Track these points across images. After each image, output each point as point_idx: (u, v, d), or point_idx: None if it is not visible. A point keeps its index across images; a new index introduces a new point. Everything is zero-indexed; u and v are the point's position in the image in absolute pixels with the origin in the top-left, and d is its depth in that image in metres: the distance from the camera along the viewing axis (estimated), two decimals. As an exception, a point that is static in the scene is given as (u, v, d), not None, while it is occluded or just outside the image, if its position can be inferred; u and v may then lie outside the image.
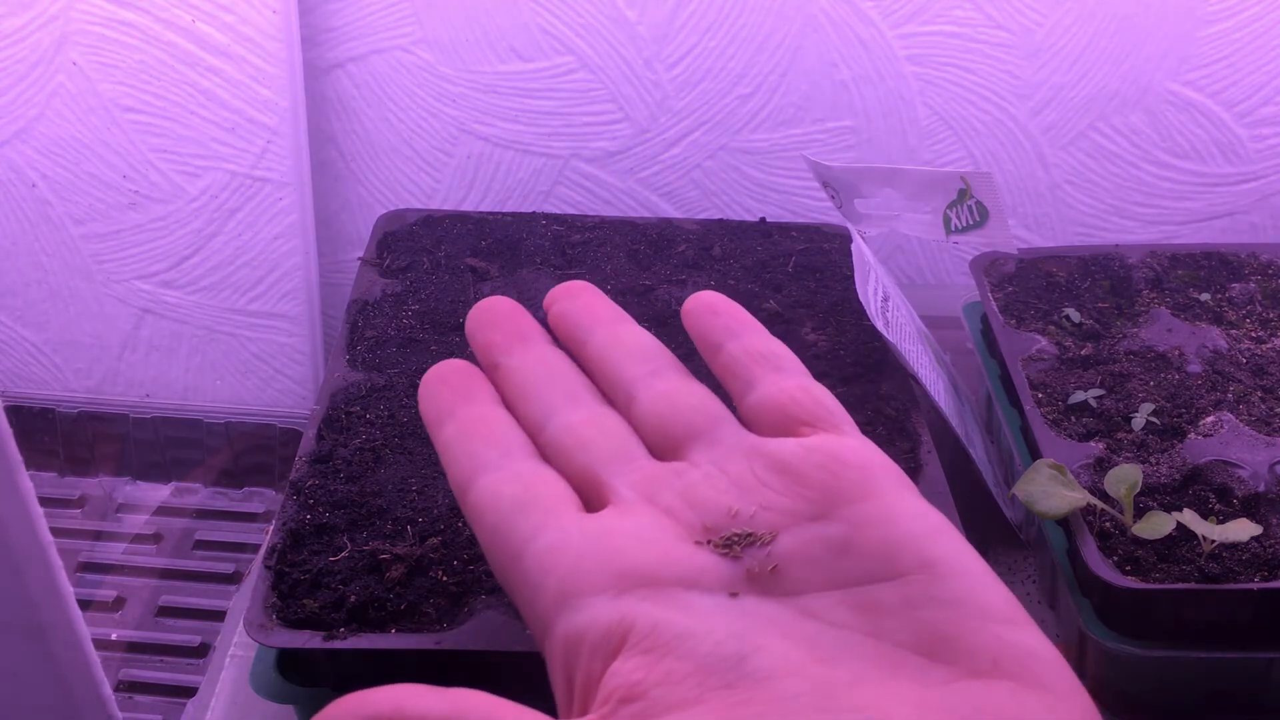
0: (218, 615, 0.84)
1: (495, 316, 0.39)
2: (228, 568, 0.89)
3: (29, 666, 0.44)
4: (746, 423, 0.36)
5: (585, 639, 0.29)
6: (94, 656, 0.46)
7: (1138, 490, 0.51)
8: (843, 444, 0.34)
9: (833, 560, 0.30)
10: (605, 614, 0.29)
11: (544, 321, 0.42)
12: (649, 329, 0.64)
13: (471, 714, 0.28)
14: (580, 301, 0.41)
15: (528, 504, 0.32)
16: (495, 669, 0.45)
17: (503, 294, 0.66)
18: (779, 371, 0.37)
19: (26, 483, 0.42)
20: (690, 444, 0.35)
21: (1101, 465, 0.55)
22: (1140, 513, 0.51)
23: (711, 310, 0.39)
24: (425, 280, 0.67)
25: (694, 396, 0.36)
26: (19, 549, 0.42)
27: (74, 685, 0.45)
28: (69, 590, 0.44)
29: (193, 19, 0.79)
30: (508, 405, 0.37)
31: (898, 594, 0.29)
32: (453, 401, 0.36)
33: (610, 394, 0.37)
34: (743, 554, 0.31)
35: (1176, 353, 0.62)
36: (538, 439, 0.35)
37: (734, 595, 0.30)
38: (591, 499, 0.33)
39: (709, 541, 0.31)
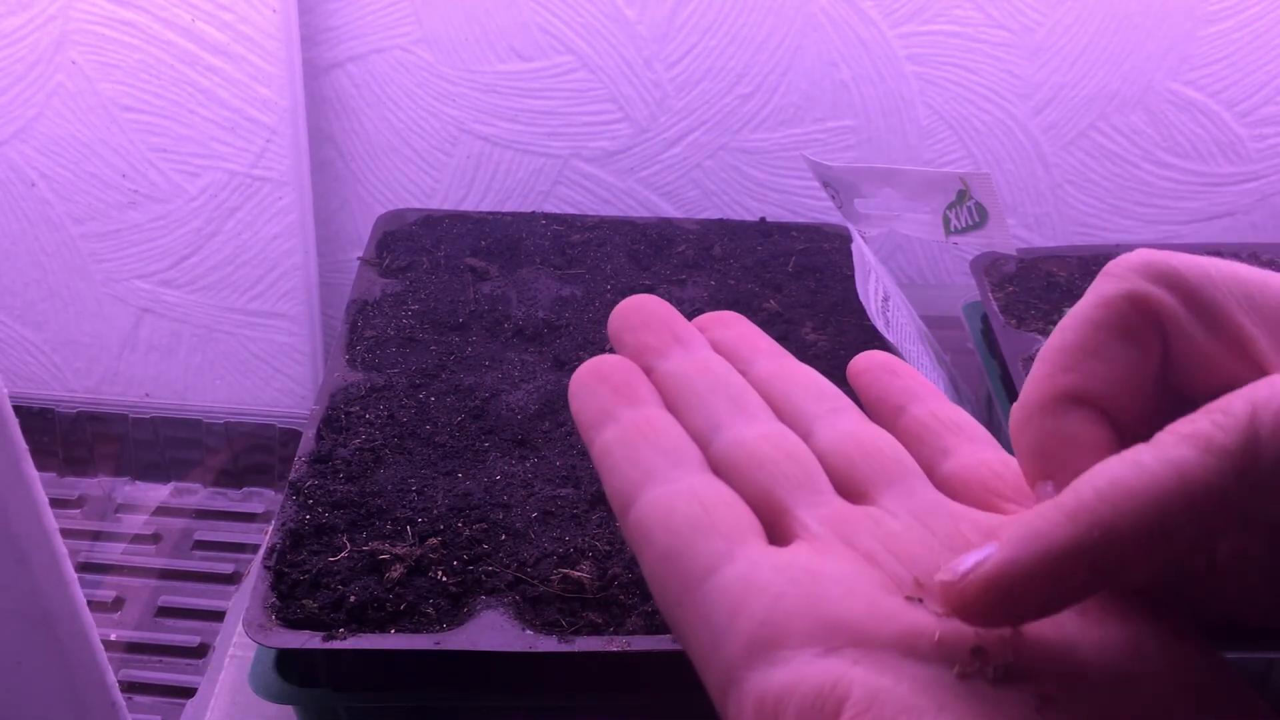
0: (217, 615, 0.84)
1: (645, 316, 0.34)
2: (227, 568, 0.89)
3: (34, 655, 0.44)
4: (939, 488, 0.32)
5: (790, 700, 0.25)
6: (99, 645, 0.46)
7: (1138, 490, 0.51)
8: None
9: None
10: (815, 673, 0.25)
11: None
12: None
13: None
14: (735, 332, 0.36)
15: (709, 526, 0.28)
16: (495, 669, 0.44)
17: (502, 293, 0.66)
18: (974, 442, 0.32)
19: (31, 470, 0.42)
20: (881, 490, 0.30)
21: (1102, 465, 0.55)
22: (1141, 513, 0.51)
23: (889, 370, 0.34)
24: (425, 280, 0.67)
25: (883, 441, 0.32)
26: (24, 537, 0.42)
27: (79, 674, 0.45)
28: (74, 579, 0.44)
29: (192, 18, 0.79)
30: (669, 410, 0.32)
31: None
32: (614, 401, 0.31)
33: (782, 420, 0.33)
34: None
35: (1177, 353, 0.62)
36: (706, 450, 0.31)
37: (963, 675, 0.25)
38: (774, 529, 0.29)
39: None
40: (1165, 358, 0.28)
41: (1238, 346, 0.27)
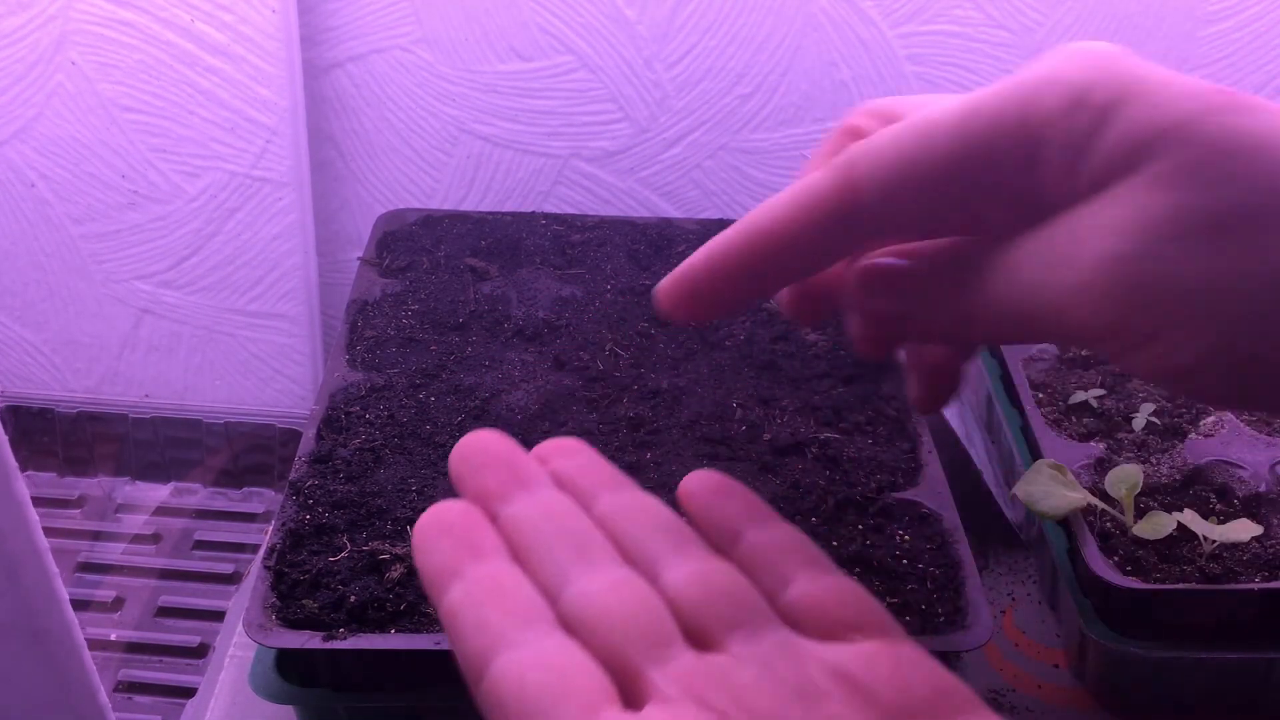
0: (217, 615, 0.84)
1: (486, 457, 0.34)
2: (227, 568, 0.89)
3: (26, 670, 0.44)
4: (783, 620, 0.32)
5: None
6: (89, 661, 0.46)
7: (1138, 490, 0.51)
8: (905, 655, 0.30)
9: None
10: None
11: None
12: (649, 329, 0.64)
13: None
14: (577, 463, 0.35)
15: (562, 695, 0.28)
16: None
17: (502, 293, 0.66)
18: (813, 566, 0.33)
19: (22, 489, 0.42)
20: (729, 636, 0.30)
21: (1102, 465, 0.55)
22: (1141, 513, 0.51)
23: (722, 493, 0.35)
24: (425, 280, 0.67)
25: (729, 580, 0.32)
26: (15, 554, 0.42)
27: (70, 688, 0.45)
28: (64, 595, 0.44)
29: (192, 19, 0.79)
30: (514, 561, 0.32)
31: None
32: (458, 557, 0.31)
33: (628, 562, 0.33)
34: None
35: (1177, 353, 0.62)
36: (555, 606, 0.31)
37: None
38: (626, 689, 0.29)
39: None
40: None
41: None
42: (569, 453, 0.35)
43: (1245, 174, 0.27)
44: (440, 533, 0.32)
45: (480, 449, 0.34)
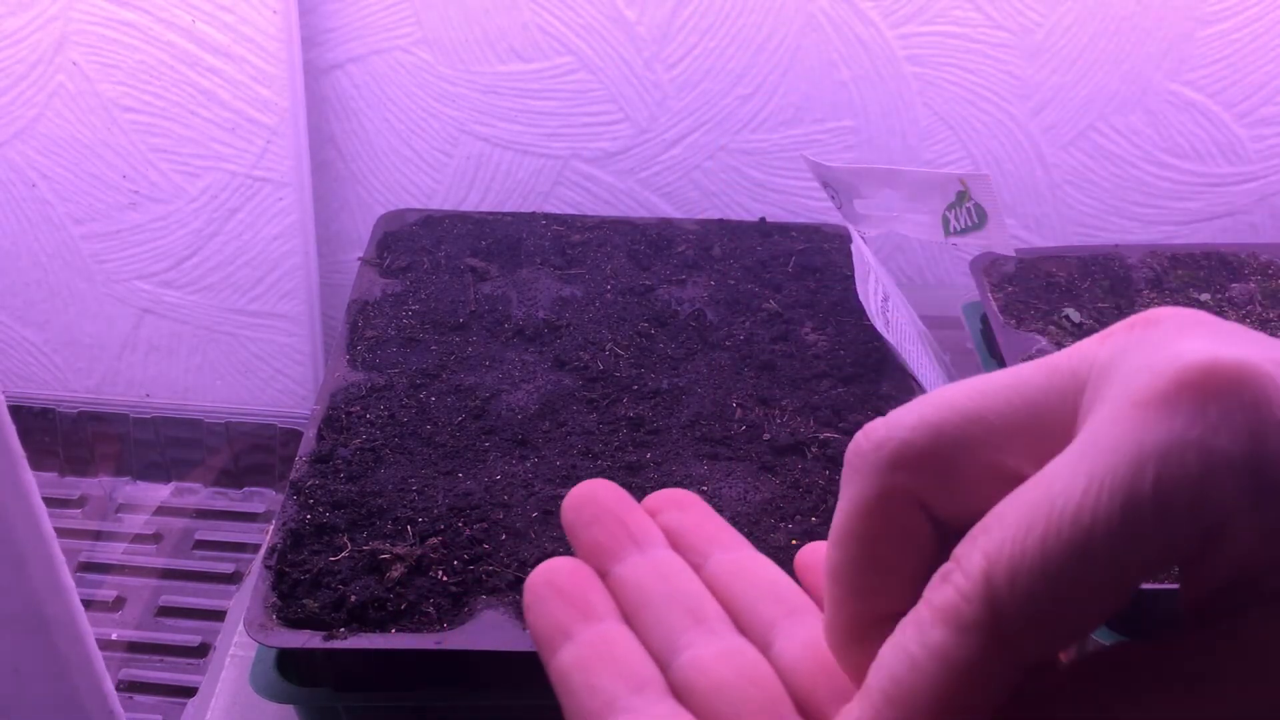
0: (218, 615, 0.84)
1: (598, 509, 0.33)
2: (228, 568, 0.89)
3: (32, 660, 0.44)
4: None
5: None
6: (96, 651, 0.46)
7: (1137, 490, 0.51)
8: None
9: None
10: None
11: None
12: (649, 329, 0.64)
13: None
14: (691, 518, 0.35)
15: None
16: (495, 669, 0.45)
17: (502, 293, 0.66)
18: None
19: (29, 477, 0.42)
20: (838, 711, 0.30)
21: (1101, 465, 0.55)
22: (1140, 513, 0.51)
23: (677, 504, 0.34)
24: (425, 280, 0.67)
25: None
26: (22, 543, 0.42)
27: (76, 680, 0.45)
28: (71, 585, 0.44)
29: (193, 19, 0.79)
30: (625, 621, 0.32)
31: None
32: (570, 617, 0.31)
33: (740, 627, 0.32)
34: None
35: (1176, 353, 0.62)
36: (666, 672, 0.30)
37: None
38: None
39: None
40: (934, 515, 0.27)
41: (985, 473, 0.26)
42: (681, 506, 0.35)
43: None
44: (551, 591, 0.31)
45: (592, 499, 0.33)
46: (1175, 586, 0.47)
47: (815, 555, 0.34)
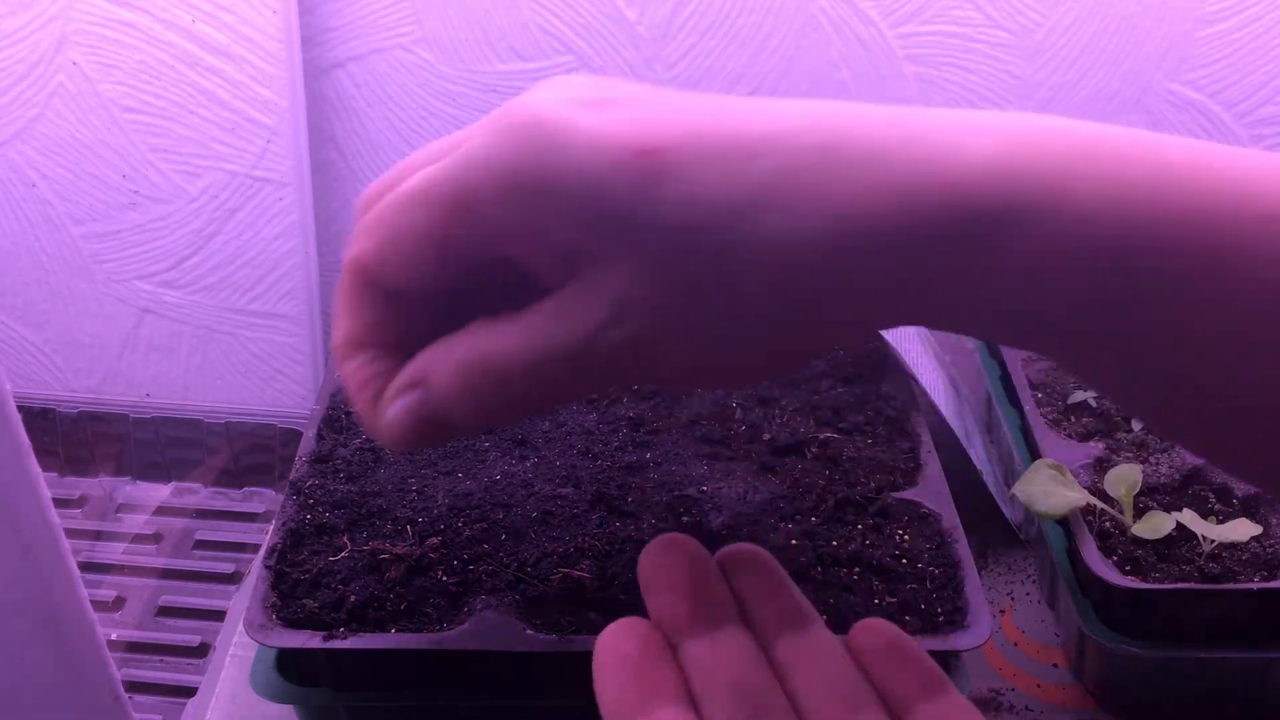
0: (218, 615, 0.84)
1: (675, 574, 0.33)
2: (228, 568, 0.89)
3: (39, 649, 0.44)
4: None
5: None
6: (102, 640, 0.46)
7: (1137, 490, 0.51)
8: None
9: None
10: None
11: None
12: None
13: None
14: (762, 582, 0.35)
15: None
16: (495, 669, 0.45)
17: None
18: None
19: (35, 467, 0.42)
20: None
21: (1101, 465, 0.55)
22: (1140, 512, 0.51)
23: (895, 653, 0.34)
24: (425, 280, 0.67)
25: None
26: (29, 532, 0.42)
27: (83, 668, 0.45)
28: (78, 575, 0.44)
29: (193, 19, 0.79)
30: (690, 696, 0.32)
31: None
32: (638, 695, 0.31)
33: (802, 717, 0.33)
34: None
35: (1176, 353, 0.62)
36: None
37: None
38: None
39: None
40: None
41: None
42: (752, 567, 0.35)
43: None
44: (620, 661, 0.32)
45: (671, 559, 0.34)
46: (1173, 587, 0.47)
47: (870, 638, 0.34)
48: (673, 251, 0.28)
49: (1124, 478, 0.51)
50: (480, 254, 0.32)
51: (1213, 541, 0.49)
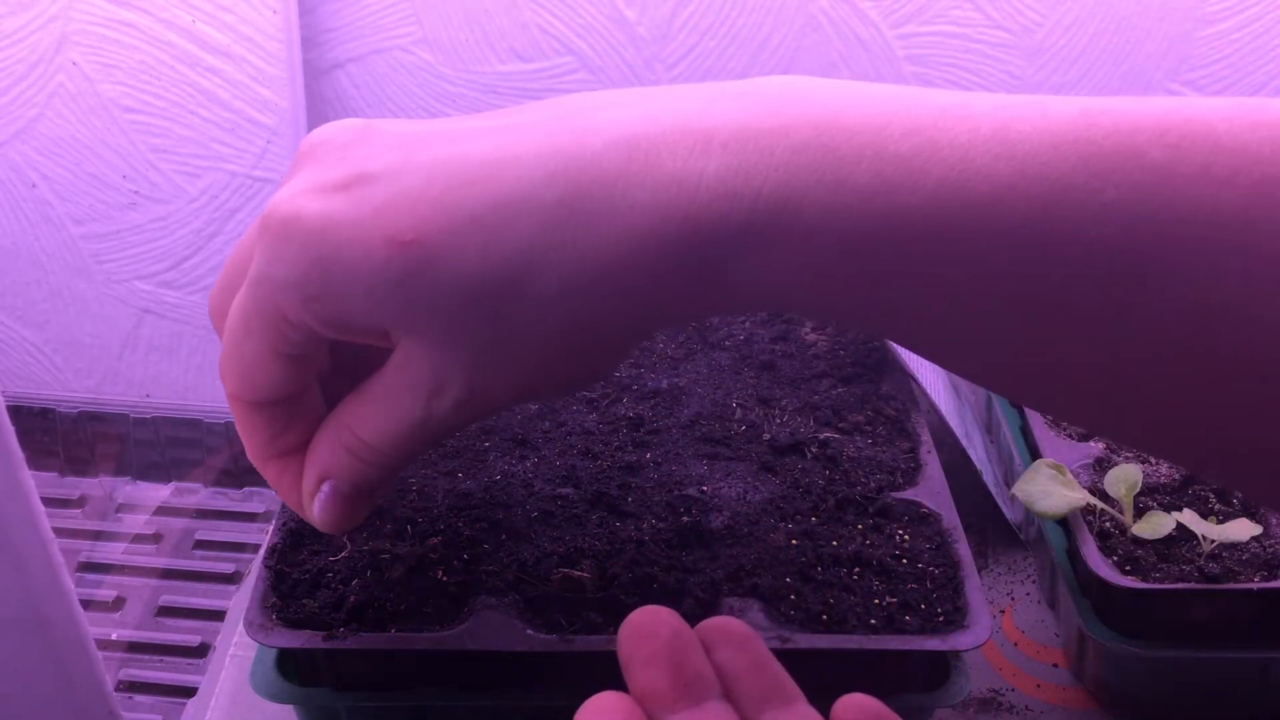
0: (218, 615, 0.84)
1: (656, 646, 0.33)
2: (228, 568, 0.89)
3: (32, 661, 0.44)
4: None
5: None
6: (95, 654, 0.46)
7: (1137, 490, 0.51)
8: None
9: None
10: None
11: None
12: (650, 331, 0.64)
13: None
14: (744, 657, 0.35)
15: None
16: (495, 669, 0.45)
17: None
18: None
19: (28, 480, 0.42)
20: None
21: (1101, 465, 0.55)
22: (1140, 512, 0.51)
23: None
24: (425, 280, 0.67)
25: None
26: (21, 544, 0.42)
27: (75, 679, 0.45)
28: (71, 586, 0.44)
29: (193, 19, 0.79)
30: None
31: None
32: None
33: None
34: None
35: (1176, 353, 0.62)
36: None
37: None
38: None
39: None
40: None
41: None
42: (734, 641, 0.35)
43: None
44: None
45: (651, 633, 0.34)
46: (1173, 587, 0.47)
47: (857, 713, 0.33)
48: (461, 322, 0.31)
49: (1124, 477, 0.51)
50: (320, 346, 0.35)
51: (1213, 541, 0.49)
